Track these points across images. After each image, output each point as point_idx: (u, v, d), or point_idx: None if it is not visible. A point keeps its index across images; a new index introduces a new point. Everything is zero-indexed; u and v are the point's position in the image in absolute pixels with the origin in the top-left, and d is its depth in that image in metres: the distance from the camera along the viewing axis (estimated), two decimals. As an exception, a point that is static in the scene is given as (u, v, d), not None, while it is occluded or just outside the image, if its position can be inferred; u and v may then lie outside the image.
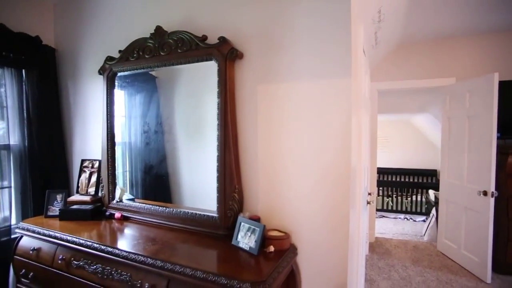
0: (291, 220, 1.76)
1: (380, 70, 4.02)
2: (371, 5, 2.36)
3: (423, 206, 5.65)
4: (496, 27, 3.41)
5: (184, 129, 2.06)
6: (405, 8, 2.89)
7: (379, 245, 4.01)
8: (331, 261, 1.68)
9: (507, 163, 3.12)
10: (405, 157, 6.48)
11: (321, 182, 1.67)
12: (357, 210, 1.84)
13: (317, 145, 1.67)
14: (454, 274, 3.21)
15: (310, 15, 1.66)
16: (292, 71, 1.72)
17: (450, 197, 3.62)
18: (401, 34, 3.59)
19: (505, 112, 3.11)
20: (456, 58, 3.75)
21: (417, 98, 5.14)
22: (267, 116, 1.80)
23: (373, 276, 3.14)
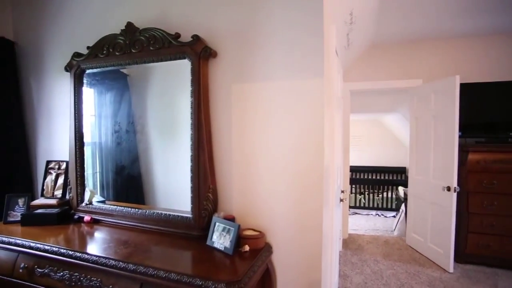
0: (265, 218, 1.77)
1: (352, 70, 4.13)
2: (343, 7, 2.42)
3: (394, 202, 5.88)
4: (459, 33, 3.61)
5: (157, 128, 2.02)
6: (376, 12, 2.99)
7: (352, 241, 4.12)
8: (306, 258, 1.70)
9: (468, 160, 3.32)
10: (377, 155, 6.72)
11: (294, 180, 1.69)
12: (330, 208, 1.88)
13: (291, 144, 1.69)
14: (421, 266, 3.37)
15: (283, 15, 1.67)
16: (266, 71, 1.73)
17: (418, 193, 3.79)
18: (372, 36, 3.71)
19: (466, 113, 3.30)
20: (423, 61, 3.93)
21: (387, 98, 5.34)
22: (241, 115, 1.80)
23: (346, 272, 3.23)
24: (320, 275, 1.68)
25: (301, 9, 1.64)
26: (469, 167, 3.31)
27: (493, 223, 3.28)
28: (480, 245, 3.34)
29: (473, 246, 3.37)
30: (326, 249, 1.73)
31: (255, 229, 1.74)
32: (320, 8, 1.60)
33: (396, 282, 3.01)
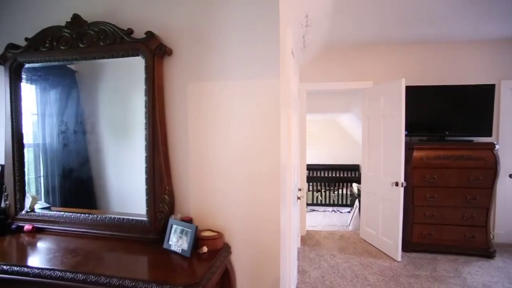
0: (224, 219, 1.76)
1: (308, 71, 4.26)
2: (299, 10, 2.48)
3: (348, 198, 6.17)
4: (405, 40, 3.89)
5: (110, 128, 1.91)
6: (330, 16, 3.11)
7: (310, 238, 4.26)
8: (264, 256, 1.72)
9: (413, 157, 3.59)
10: (332, 154, 7.00)
11: (252, 179, 1.71)
12: (288, 206, 1.92)
13: (248, 143, 1.70)
14: (374, 257, 3.57)
15: (240, 15, 1.68)
16: (223, 70, 1.72)
17: (370, 189, 4.01)
18: (327, 39, 3.86)
19: (411, 113, 3.57)
20: (373, 64, 4.17)
21: (342, 99, 5.58)
22: (198, 115, 1.77)
23: (305, 267, 3.32)
24: (279, 272, 1.71)
25: (258, 10, 1.65)
26: (414, 163, 3.59)
27: (433, 213, 3.59)
28: (423, 234, 3.63)
29: (417, 236, 3.65)
30: (284, 247, 1.77)
31: (213, 230, 1.73)
32: (276, 9, 1.63)
33: (351, 274, 3.16)
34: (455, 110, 3.81)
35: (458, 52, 4.00)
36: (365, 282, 2.99)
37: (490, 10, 3.01)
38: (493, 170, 3.47)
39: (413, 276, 3.09)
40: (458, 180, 3.53)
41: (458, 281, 3.01)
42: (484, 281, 3.01)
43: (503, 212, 4.00)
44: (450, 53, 4.01)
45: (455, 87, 3.79)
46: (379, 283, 2.97)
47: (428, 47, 4.04)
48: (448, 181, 3.54)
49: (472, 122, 3.80)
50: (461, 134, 3.83)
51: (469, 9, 2.98)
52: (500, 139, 3.94)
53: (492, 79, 3.90)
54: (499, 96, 3.92)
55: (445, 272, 3.19)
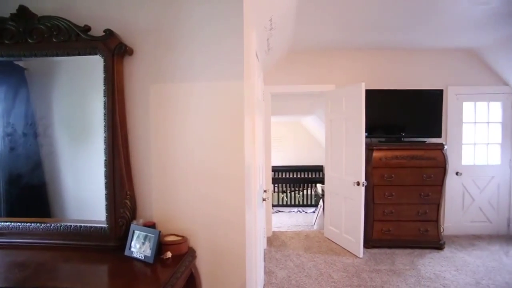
0: (188, 222, 1.73)
1: (273, 74, 4.32)
2: (263, 13, 2.51)
3: (313, 198, 6.32)
4: (366, 44, 4.07)
5: (66, 130, 1.79)
6: (293, 20, 3.18)
7: (276, 238, 4.30)
8: (230, 259, 1.71)
9: (372, 158, 3.77)
10: (297, 155, 7.15)
11: (216, 182, 1.69)
12: (253, 208, 1.92)
13: (212, 146, 1.69)
14: (338, 255, 3.69)
15: (204, 16, 1.66)
16: (186, 72, 1.69)
17: (333, 189, 4.15)
18: (290, 43, 3.93)
19: (370, 115, 3.74)
20: (335, 67, 4.33)
21: (305, 102, 5.72)
22: (161, 116, 1.72)
23: (271, 268, 3.35)
24: (245, 274, 1.71)
25: (222, 12, 1.65)
26: (374, 163, 3.76)
27: (392, 211, 3.79)
28: (383, 230, 3.82)
29: (378, 232, 3.83)
30: (250, 248, 1.77)
31: (177, 234, 1.69)
32: (240, 12, 1.63)
33: (316, 272, 3.23)
34: (410, 113, 4.07)
35: (412, 58, 4.28)
36: (330, 280, 3.08)
37: (439, 23, 3.25)
38: (443, 168, 3.75)
39: (374, 271, 3.24)
40: (413, 179, 3.76)
41: (414, 272, 3.20)
42: (435, 271, 3.24)
43: (451, 207, 4.33)
44: (406, 59, 4.28)
45: (409, 91, 4.05)
46: (342, 280, 3.07)
47: (386, 53, 4.28)
48: (404, 180, 3.76)
49: (425, 124, 4.07)
50: (416, 135, 4.09)
51: (420, 20, 3.19)
52: (448, 139, 4.27)
53: (441, 84, 4.21)
54: (447, 101, 4.24)
55: (402, 265, 3.38)
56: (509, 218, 4.34)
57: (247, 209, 1.70)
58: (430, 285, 2.96)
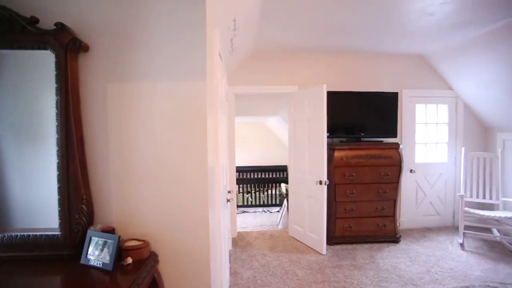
0: (150, 226, 1.67)
1: (237, 74, 4.32)
2: (227, 13, 2.50)
3: (278, 198, 6.41)
4: (327, 47, 4.21)
5: (12, 131, 1.65)
6: (257, 21, 3.20)
7: (241, 239, 4.30)
8: (194, 262, 1.68)
9: (334, 157, 3.90)
10: (261, 156, 7.20)
11: (179, 184, 1.66)
12: (217, 209, 1.91)
13: (174, 146, 1.65)
14: (302, 253, 3.77)
15: (166, 16, 1.62)
16: (147, 71, 1.64)
17: (297, 188, 4.23)
18: (254, 44, 3.96)
19: (332, 116, 3.88)
20: (298, 69, 4.42)
21: (269, 102, 5.78)
22: (120, 117, 1.65)
23: (237, 269, 3.34)
24: (209, 276, 1.69)
25: (184, 11, 1.61)
26: (335, 163, 3.90)
27: (353, 208, 3.95)
28: (345, 227, 3.97)
29: (340, 229, 3.97)
30: (214, 250, 1.75)
31: (138, 239, 1.62)
32: (203, 11, 1.61)
33: (281, 271, 3.28)
34: (369, 114, 4.27)
35: (371, 62, 4.50)
36: (295, 277, 3.14)
37: (394, 30, 3.45)
38: (399, 166, 3.98)
39: (337, 267, 3.35)
40: (372, 177, 3.95)
41: (373, 266, 3.36)
42: (392, 263, 3.43)
43: (405, 202, 4.62)
44: (365, 62, 4.49)
45: (368, 93, 4.25)
46: (307, 277, 3.14)
47: (347, 56, 4.46)
48: (364, 178, 3.94)
49: (382, 124, 4.30)
50: (374, 135, 4.30)
51: (378, 27, 3.36)
52: (402, 139, 4.54)
53: (396, 87, 4.47)
54: (401, 103, 4.51)
55: (363, 259, 3.54)
56: (454, 210, 4.72)
57: (211, 211, 1.68)
58: (387, 277, 3.12)
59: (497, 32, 3.33)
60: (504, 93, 3.97)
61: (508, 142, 4.31)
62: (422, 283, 3.01)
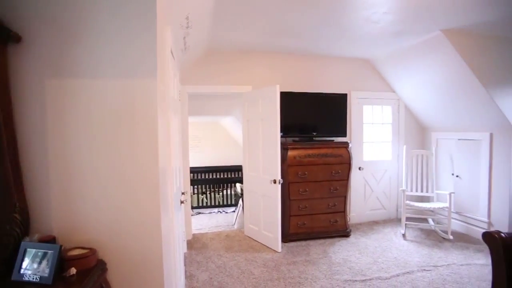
0: (97, 232, 1.56)
1: (190, 74, 4.22)
2: (179, 10, 2.43)
3: (233, 198, 6.39)
4: (281, 48, 4.29)
5: None
6: (210, 20, 3.16)
7: (196, 241, 4.22)
8: (147, 267, 1.61)
9: (287, 156, 4.00)
10: (216, 156, 7.12)
11: (128, 186, 1.57)
12: (170, 211, 1.85)
13: (122, 147, 1.56)
14: (258, 252, 3.81)
15: (114, 9, 1.52)
16: (92, 66, 1.53)
17: (252, 187, 4.26)
18: (208, 42, 3.90)
19: (285, 116, 3.96)
20: (253, 69, 4.45)
21: (224, 102, 5.75)
22: (61, 116, 1.52)
23: (192, 271, 3.27)
24: (163, 282, 1.63)
25: (133, 5, 1.52)
26: (288, 162, 3.99)
27: (306, 205, 4.08)
28: (299, 224, 4.08)
29: (294, 227, 4.08)
30: (168, 254, 1.69)
31: (84, 247, 1.51)
32: (154, 6, 1.54)
33: (238, 271, 3.28)
34: (321, 114, 4.44)
35: (323, 64, 4.68)
36: (251, 276, 3.15)
37: (344, 35, 3.62)
38: (348, 164, 4.20)
39: (292, 263, 3.44)
40: (324, 175, 4.11)
41: (326, 260, 3.51)
42: (343, 256, 3.61)
43: (355, 198, 4.89)
44: (317, 64, 4.66)
45: (320, 94, 4.42)
46: (263, 275, 3.18)
47: (300, 58, 4.59)
48: (316, 176, 4.08)
49: (333, 124, 4.50)
50: (325, 135, 4.48)
51: (328, 31, 3.51)
52: (352, 138, 4.80)
53: (346, 89, 4.71)
54: (350, 104, 4.76)
55: (316, 255, 3.67)
56: (397, 204, 5.10)
57: (163, 214, 1.62)
58: (339, 269, 3.28)
59: (430, 42, 3.68)
60: (436, 97, 4.39)
61: (441, 141, 4.77)
62: (370, 272, 3.21)
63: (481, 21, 3.18)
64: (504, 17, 3.06)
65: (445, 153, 4.68)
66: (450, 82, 3.98)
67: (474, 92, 3.79)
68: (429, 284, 2.96)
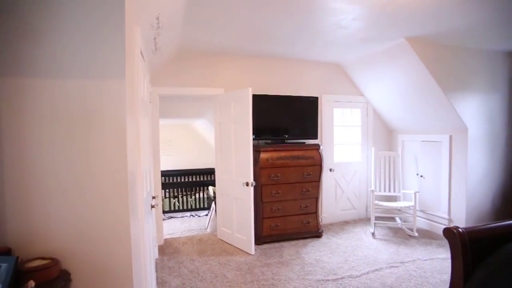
0: (61, 241, 1.47)
1: (161, 75, 4.13)
2: (149, 10, 2.37)
3: (206, 201, 6.31)
4: (254, 51, 4.29)
5: None
6: (182, 21, 3.10)
7: (168, 246, 4.11)
8: (115, 276, 1.54)
9: (260, 159, 4.01)
10: (188, 159, 7.01)
11: (95, 191, 1.50)
12: (140, 217, 1.79)
13: (88, 150, 1.49)
14: (231, 255, 3.78)
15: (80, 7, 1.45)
16: (56, 66, 1.45)
17: (224, 190, 4.23)
18: (180, 44, 3.84)
19: (258, 119, 3.98)
20: (224, 72, 4.43)
21: (195, 104, 5.68)
22: (18, 117, 1.42)
23: (164, 278, 3.18)
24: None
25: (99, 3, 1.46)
26: (261, 164, 4.00)
27: (279, 207, 4.11)
28: (272, 226, 4.10)
29: (267, 229, 4.09)
30: (138, 261, 1.63)
31: (45, 257, 1.42)
32: (122, 5, 1.49)
33: (211, 275, 3.23)
34: (292, 116, 4.50)
35: (295, 68, 4.75)
36: (224, 280, 3.12)
37: (315, 40, 3.70)
38: (320, 166, 4.28)
39: (265, 265, 3.44)
40: (296, 176, 4.17)
41: (299, 261, 3.55)
42: (315, 257, 3.67)
43: (326, 199, 5.00)
44: (289, 68, 4.72)
45: (292, 97, 4.48)
46: (236, 278, 3.15)
47: (273, 61, 4.63)
48: (289, 178, 4.13)
49: (304, 127, 4.57)
50: (297, 137, 4.55)
51: (300, 35, 3.56)
52: (323, 140, 4.91)
53: (317, 92, 4.81)
54: (321, 107, 4.87)
55: (289, 256, 3.71)
56: (367, 204, 5.28)
57: (133, 219, 1.56)
58: (312, 270, 3.33)
59: (395, 48, 3.86)
60: (401, 101, 4.61)
61: (406, 143, 5.00)
62: (342, 271, 3.29)
63: (439, 31, 3.39)
64: (459, 29, 3.31)
65: (410, 154, 4.91)
66: (413, 87, 4.19)
67: (435, 97, 4.02)
68: (396, 280, 3.08)
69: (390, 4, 2.73)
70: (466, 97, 4.04)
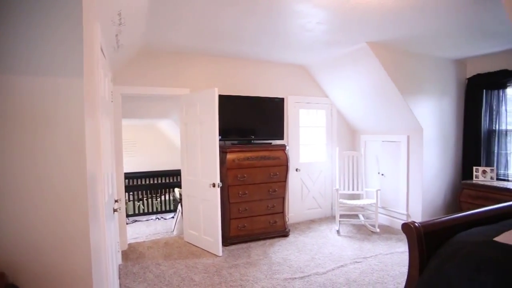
0: (8, 253, 1.35)
1: (124, 74, 3.97)
2: (110, 5, 2.27)
3: (172, 204, 6.16)
4: (220, 52, 4.26)
5: None
6: (145, 19, 3.00)
7: (132, 251, 3.96)
8: (73, 286, 1.45)
9: (226, 159, 3.99)
10: (154, 160, 6.79)
11: (49, 197, 1.39)
12: (101, 221, 1.70)
13: (40, 153, 1.38)
14: (198, 257, 3.72)
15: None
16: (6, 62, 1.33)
17: (191, 192, 4.15)
18: (144, 42, 3.71)
19: (224, 119, 3.96)
20: (190, 71, 4.35)
21: (160, 104, 5.53)
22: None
23: (128, 284, 3.06)
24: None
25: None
26: (227, 165, 3.98)
27: (246, 208, 4.12)
28: (239, 227, 4.10)
29: (234, 230, 4.08)
30: (98, 269, 1.55)
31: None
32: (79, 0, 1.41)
33: (178, 279, 3.16)
34: (259, 117, 4.53)
35: (261, 69, 4.79)
36: (192, 283, 3.06)
37: (280, 42, 3.75)
38: (286, 166, 4.35)
39: (233, 267, 3.43)
40: (262, 177, 4.20)
41: (266, 261, 3.58)
42: (283, 256, 3.72)
43: (293, 199, 5.09)
44: (255, 69, 4.75)
45: (258, 98, 4.51)
46: (204, 281, 3.11)
47: (239, 62, 4.63)
48: (255, 178, 4.15)
49: (271, 127, 4.62)
50: (264, 137, 4.58)
51: (265, 37, 3.59)
52: (289, 141, 4.99)
53: (283, 93, 4.89)
54: (287, 108, 4.95)
55: (257, 256, 3.72)
56: (332, 203, 5.45)
57: (93, 224, 1.48)
58: (279, 269, 3.37)
59: (357, 52, 4.03)
60: (363, 103, 4.82)
61: (368, 143, 5.24)
62: (308, 269, 3.36)
63: (397, 38, 3.60)
64: (415, 36, 3.54)
65: (372, 154, 5.14)
66: (375, 90, 4.40)
67: (393, 99, 4.25)
68: (360, 275, 3.21)
69: (353, 10, 2.84)
70: (421, 100, 4.32)
